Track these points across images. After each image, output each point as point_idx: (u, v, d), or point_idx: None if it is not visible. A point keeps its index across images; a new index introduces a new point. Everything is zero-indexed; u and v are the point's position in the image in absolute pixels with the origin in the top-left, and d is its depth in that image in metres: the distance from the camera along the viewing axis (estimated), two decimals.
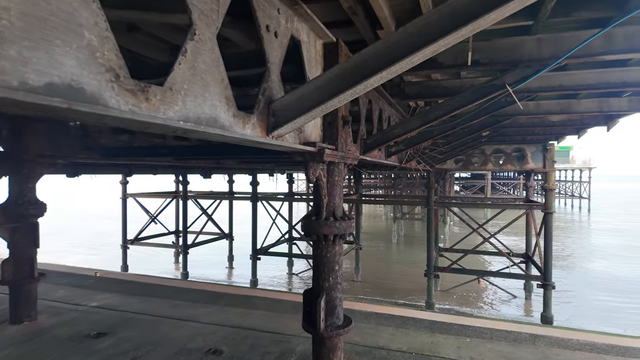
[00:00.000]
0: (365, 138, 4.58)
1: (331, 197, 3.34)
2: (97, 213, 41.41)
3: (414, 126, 4.35)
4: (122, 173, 8.80)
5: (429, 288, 13.16)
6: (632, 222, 37.92)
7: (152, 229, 17.74)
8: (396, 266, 20.47)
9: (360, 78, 2.12)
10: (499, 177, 51.25)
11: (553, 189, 12.05)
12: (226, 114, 1.99)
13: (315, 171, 3.04)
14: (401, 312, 6.32)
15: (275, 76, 2.47)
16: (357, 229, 17.36)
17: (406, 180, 31.37)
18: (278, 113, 2.36)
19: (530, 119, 8.50)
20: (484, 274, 14.75)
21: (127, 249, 17.44)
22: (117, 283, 7.89)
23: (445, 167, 13.41)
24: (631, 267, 20.41)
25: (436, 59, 4.21)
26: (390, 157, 5.92)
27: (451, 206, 14.59)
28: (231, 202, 19.17)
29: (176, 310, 6.20)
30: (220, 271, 19.31)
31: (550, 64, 3.73)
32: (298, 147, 2.72)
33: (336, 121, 3.28)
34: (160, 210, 17.40)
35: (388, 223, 32.38)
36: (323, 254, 3.33)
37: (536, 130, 10.04)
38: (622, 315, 13.71)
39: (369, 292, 15.90)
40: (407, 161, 7.46)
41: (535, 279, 12.27)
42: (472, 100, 4.08)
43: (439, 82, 5.66)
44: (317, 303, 3.21)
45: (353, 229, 3.44)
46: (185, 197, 16.65)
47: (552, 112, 6.83)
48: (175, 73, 1.65)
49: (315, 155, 2.94)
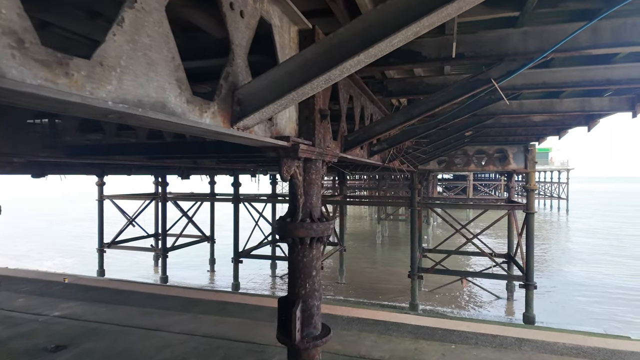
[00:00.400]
0: (347, 135, 4.34)
1: (308, 196, 3.08)
2: (76, 215, 40.02)
3: (397, 122, 4.13)
4: (94, 173, 8.33)
5: (413, 289, 13.03)
6: (607, 222, 39.02)
7: (130, 232, 17.11)
8: (380, 267, 20.36)
9: (335, 61, 1.88)
10: (481, 178, 52.05)
11: (534, 190, 12.12)
12: (178, 99, 1.70)
13: (289, 168, 2.77)
14: (384, 317, 6.10)
15: (242, 60, 2.19)
16: (341, 231, 17.15)
17: (390, 181, 31.39)
18: (244, 101, 2.08)
19: (512, 118, 8.45)
20: (467, 274, 14.73)
21: (104, 253, 16.78)
22: (85, 290, 7.41)
23: (429, 167, 13.34)
24: (605, 267, 20.85)
25: (419, 52, 4.01)
26: (373, 156, 5.70)
27: (434, 207, 14.54)
28: (212, 203, 18.71)
29: (146, 319, 5.81)
30: (201, 274, 18.80)
31: (536, 58, 3.57)
32: (269, 142, 2.45)
33: (313, 115, 3.02)
34: (138, 213, 16.78)
35: (372, 224, 32.34)
36: (299, 258, 3.06)
37: (518, 130, 10.03)
38: (599, 312, 13.91)
39: (353, 293, 15.70)
40: (390, 161, 7.27)
41: (518, 279, 12.30)
42: (457, 96, 3.90)
43: (422, 79, 5.48)
44: (293, 312, 2.93)
45: (332, 231, 3.18)
46: (164, 198, 16.11)
47: (534, 112, 6.75)
48: (108, 46, 1.36)
49: (289, 150, 2.67)
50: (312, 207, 3.10)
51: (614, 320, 13.27)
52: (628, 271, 19.65)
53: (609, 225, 36.20)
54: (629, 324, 13.01)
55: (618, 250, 25.00)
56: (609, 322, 13.03)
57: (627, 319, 13.43)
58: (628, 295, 15.95)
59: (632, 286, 17.15)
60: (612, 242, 27.73)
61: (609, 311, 14.19)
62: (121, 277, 18.04)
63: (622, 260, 22.02)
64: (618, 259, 22.29)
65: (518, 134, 10.33)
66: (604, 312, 14.12)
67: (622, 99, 6.20)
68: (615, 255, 23.44)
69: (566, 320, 13.05)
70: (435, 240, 25.68)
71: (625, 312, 14.11)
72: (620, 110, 6.26)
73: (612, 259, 22.32)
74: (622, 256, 23.12)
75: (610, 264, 21.24)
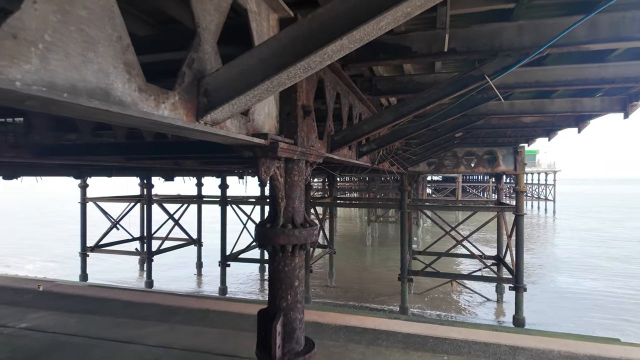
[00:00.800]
0: (333, 134, 4.10)
1: (290, 200, 2.82)
2: (62, 218, 38.97)
3: (386, 121, 3.91)
4: (71, 175, 7.92)
5: (403, 292, 12.84)
6: (591, 223, 39.60)
7: (116, 235, 16.59)
8: (370, 269, 20.16)
9: (315, 46, 1.63)
10: (469, 180, 52.37)
11: (524, 192, 12.05)
12: (126, 86, 1.43)
13: (268, 169, 2.51)
14: (374, 323, 5.85)
15: (210, 47, 1.93)
16: (331, 233, 16.89)
17: (380, 183, 31.29)
18: (212, 92, 1.82)
19: (503, 119, 8.32)
20: (458, 277, 14.62)
21: (87, 257, 16.22)
22: (59, 298, 6.99)
23: (418, 169, 13.19)
24: (587, 268, 21.04)
25: (409, 47, 3.80)
26: (362, 157, 5.48)
27: (424, 209, 14.40)
28: (200, 206, 18.30)
29: (119, 330, 5.44)
30: (188, 278, 18.34)
31: (532, 53, 3.38)
32: (244, 139, 2.18)
33: (295, 111, 2.77)
34: (122, 215, 16.27)
35: (362, 226, 32.15)
36: (280, 267, 2.80)
37: (508, 132, 9.93)
38: (585, 312, 13.93)
39: (343, 296, 15.45)
40: (380, 162, 7.05)
41: (507, 281, 12.21)
42: (449, 93, 3.68)
43: (412, 77, 5.27)
44: (273, 327, 2.67)
45: (317, 237, 2.91)
46: (150, 201, 15.64)
47: (525, 112, 6.61)
48: (26, 15, 1.09)
49: (267, 149, 2.41)
50: (294, 212, 2.84)
51: (596, 325, 13.30)
52: (609, 272, 19.85)
53: (593, 227, 36.78)
54: (608, 327, 13.05)
55: (601, 250, 25.35)
56: (592, 323, 13.05)
57: (606, 322, 13.49)
58: (608, 297, 16.06)
59: (611, 289, 17.28)
60: (595, 244, 28.09)
61: (591, 313, 14.23)
62: (106, 281, 17.51)
63: (602, 263, 22.25)
64: (600, 261, 22.51)
65: (508, 136, 10.23)
66: (586, 313, 14.15)
67: (614, 100, 6.09)
68: (598, 256, 23.69)
69: (553, 321, 13.02)
70: (425, 242, 25.62)
71: (604, 314, 14.19)
72: (612, 111, 6.15)
73: (595, 261, 22.54)
74: (604, 257, 23.38)
75: (592, 265, 21.43)
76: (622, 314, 14.01)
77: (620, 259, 22.83)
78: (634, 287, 17.24)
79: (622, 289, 16.89)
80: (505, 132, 9.90)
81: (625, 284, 17.65)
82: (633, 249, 25.83)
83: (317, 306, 8.29)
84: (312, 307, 7.88)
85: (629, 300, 15.44)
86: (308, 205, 13.97)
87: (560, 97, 6.36)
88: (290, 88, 2.77)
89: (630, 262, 22.10)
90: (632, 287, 17.24)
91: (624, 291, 16.65)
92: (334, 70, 3.94)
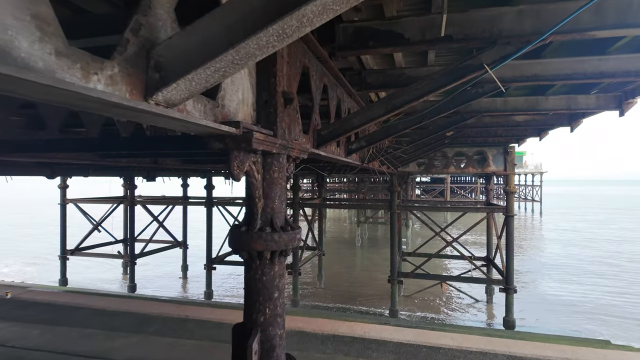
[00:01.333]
0: (320, 129, 3.77)
1: (269, 199, 2.47)
2: (44, 219, 37.76)
3: (376, 115, 3.59)
4: (44, 174, 7.42)
5: (393, 295, 12.57)
6: (575, 223, 40.17)
7: (99, 238, 15.94)
8: (360, 271, 19.88)
9: (292, 5, 1.29)
10: (458, 181, 52.64)
11: (514, 192, 11.90)
12: (36, 46, 1.07)
13: (241, 163, 2.16)
14: (363, 330, 5.53)
15: (165, 11, 1.57)
16: (320, 234, 16.56)
17: (370, 184, 31.08)
18: (166, 65, 1.47)
19: (495, 118, 8.12)
20: (447, 278, 14.44)
21: (67, 260, 15.56)
22: (25, 306, 6.47)
23: (409, 169, 12.96)
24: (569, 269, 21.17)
25: (402, 34, 3.49)
26: (351, 155, 5.15)
27: (414, 210, 14.17)
28: (185, 207, 17.77)
29: (86, 343, 4.97)
30: (173, 282, 17.76)
31: (534, 41, 3.11)
32: (210, 126, 1.83)
33: (274, 98, 2.43)
34: (104, 217, 15.65)
35: (352, 227, 31.87)
36: (257, 277, 2.44)
37: (499, 131, 9.75)
38: (572, 312, 13.88)
39: (332, 299, 15.12)
40: (370, 161, 6.75)
41: (498, 283, 12.04)
42: (444, 84, 3.39)
43: (403, 70, 4.98)
44: (248, 345, 2.32)
45: (299, 241, 2.56)
46: (132, 202, 15.07)
47: (519, 110, 6.39)
48: None
49: (239, 140, 2.06)
50: (274, 213, 2.49)
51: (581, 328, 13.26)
52: (591, 274, 19.99)
53: (577, 226, 37.34)
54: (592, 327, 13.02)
55: (584, 251, 25.64)
56: (578, 324, 13.00)
57: (588, 324, 13.46)
58: (589, 298, 16.10)
59: (593, 292, 17.35)
60: (578, 243, 28.39)
61: (576, 313, 14.21)
62: (88, 285, 16.84)
63: (585, 266, 22.43)
64: (583, 263, 22.69)
65: (498, 135, 10.05)
66: (570, 316, 14.13)
67: (609, 97, 5.91)
68: (581, 257, 23.90)
69: (541, 319, 12.93)
70: (415, 244, 25.47)
71: (588, 314, 14.19)
72: (608, 108, 5.96)
73: (577, 263, 22.70)
74: (587, 258, 23.60)
75: (575, 266, 21.57)
76: (601, 315, 14.02)
77: (603, 260, 23.05)
78: (616, 288, 17.35)
79: (604, 292, 16.96)
80: (497, 131, 9.72)
81: (609, 286, 17.75)
82: (614, 250, 26.19)
83: (305, 311, 7.93)
84: (299, 313, 7.52)
85: (611, 301, 15.50)
86: (297, 206, 13.61)
87: (555, 94, 6.16)
88: (268, 71, 2.44)
89: (611, 264, 22.32)
90: (614, 288, 17.34)
91: (605, 294, 16.72)
92: (321, 59, 3.61)
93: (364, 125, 3.71)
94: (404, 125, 5.03)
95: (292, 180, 14.12)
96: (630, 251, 25.33)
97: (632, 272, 19.85)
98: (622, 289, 17.13)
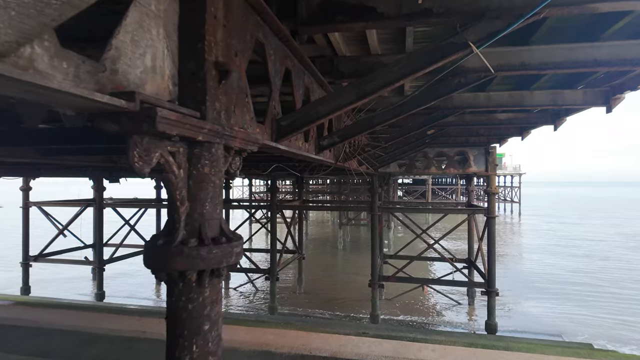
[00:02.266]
0: (280, 118, 3.19)
1: (197, 202, 1.88)
2: (12, 223, 35.72)
3: (346, 102, 3.04)
4: None
5: (374, 299, 12.07)
6: (551, 224, 40.89)
7: (66, 242, 14.86)
8: (341, 274, 19.34)
9: None
10: (439, 182, 52.94)
11: (495, 193, 11.60)
12: None
13: (147, 153, 1.56)
14: (339, 343, 4.97)
15: None
16: (300, 238, 15.95)
17: (352, 185, 30.66)
18: None
19: (477, 116, 7.72)
20: (429, 282, 14.07)
21: (30, 267, 14.44)
22: None
23: (389, 170, 12.52)
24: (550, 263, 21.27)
25: (374, 8, 2.96)
26: (323, 152, 4.59)
27: (395, 211, 13.75)
28: (159, 210, 16.86)
29: None
30: (147, 289, 16.78)
31: (526, 14, 2.62)
32: (80, 95, 1.23)
33: (203, 70, 1.84)
34: (70, 221, 14.58)
35: (335, 228, 31.33)
36: (180, 305, 1.84)
37: (481, 130, 9.39)
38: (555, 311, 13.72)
39: (312, 304, 14.52)
40: (346, 160, 6.21)
41: (479, 285, 11.69)
42: (422, 66, 2.87)
43: (379, 57, 4.46)
44: None
45: (240, 256, 1.95)
46: (100, 205, 14.10)
47: (503, 105, 5.97)
48: None
49: (139, 120, 1.47)
50: (203, 220, 1.89)
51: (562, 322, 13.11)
52: (567, 271, 20.10)
53: (554, 227, 38.01)
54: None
55: (559, 248, 25.95)
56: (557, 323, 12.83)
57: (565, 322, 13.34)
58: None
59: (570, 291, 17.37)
60: (555, 242, 28.75)
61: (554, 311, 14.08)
62: (53, 293, 15.69)
63: (560, 260, 22.60)
64: (559, 257, 22.87)
65: (480, 134, 9.70)
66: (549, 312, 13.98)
67: (597, 92, 5.55)
68: (556, 252, 24.10)
69: (519, 324, 12.71)
70: (397, 246, 25.16)
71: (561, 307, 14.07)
72: (595, 104, 5.61)
73: (556, 261, 22.86)
74: (562, 254, 23.80)
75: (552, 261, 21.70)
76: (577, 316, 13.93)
77: (581, 258, 23.28)
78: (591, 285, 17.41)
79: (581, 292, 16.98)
80: (478, 130, 9.36)
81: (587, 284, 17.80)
82: (590, 248, 26.60)
83: (277, 322, 7.31)
84: (272, 324, 6.91)
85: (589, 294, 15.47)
86: (274, 208, 12.97)
87: (541, 88, 5.77)
88: (194, 34, 1.84)
89: (589, 259, 22.55)
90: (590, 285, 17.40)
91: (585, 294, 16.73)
92: (281, 37, 3.03)
93: (333, 114, 3.16)
94: (380, 119, 4.50)
95: (270, 182, 13.49)
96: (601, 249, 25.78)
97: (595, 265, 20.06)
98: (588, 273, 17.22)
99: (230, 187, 16.58)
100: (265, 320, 7.88)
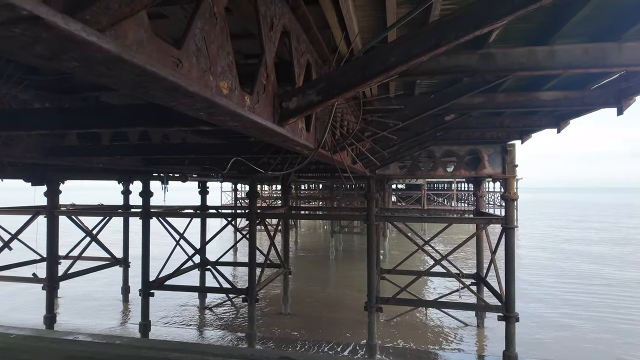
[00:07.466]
0: None
1: None
2: None
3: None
4: None
5: (371, 325, 9.84)
6: (548, 228, 39.27)
7: (14, 256, 12.39)
8: (333, 289, 17.03)
9: None
10: (433, 187, 50.91)
11: (515, 199, 9.48)
12: None
13: None
14: None
15: None
16: (285, 250, 13.68)
17: (345, 191, 28.49)
18: None
19: (511, 95, 5.59)
20: (435, 304, 11.85)
21: None
22: None
23: (388, 172, 10.37)
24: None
25: None
26: (288, 120, 2.41)
27: (394, 220, 11.57)
28: (126, 218, 14.49)
29: None
30: (111, 310, 14.27)
31: None
32: None
33: None
34: (18, 232, 12.12)
35: (327, 236, 29.01)
36: None
37: (506, 120, 7.28)
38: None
39: (299, 327, 12.22)
40: (335, 150, 4.01)
41: (496, 309, 9.50)
42: None
43: None
44: None
45: None
46: (52, 212, 11.70)
47: (573, 67, 3.84)
48: None
49: None
50: None
51: None
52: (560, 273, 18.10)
53: (549, 231, 36.37)
54: None
55: (555, 254, 24.06)
56: None
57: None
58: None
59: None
60: (551, 247, 26.91)
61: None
62: (3, 316, 13.22)
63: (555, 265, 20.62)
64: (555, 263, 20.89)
65: (503, 126, 7.54)
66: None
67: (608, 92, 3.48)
68: (552, 258, 22.14)
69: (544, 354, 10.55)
70: (392, 255, 22.97)
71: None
72: (607, 105, 3.58)
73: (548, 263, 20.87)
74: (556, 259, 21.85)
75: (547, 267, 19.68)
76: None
77: (576, 263, 21.34)
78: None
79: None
80: (503, 121, 7.25)
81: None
82: (584, 252, 24.82)
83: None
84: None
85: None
86: (253, 217, 10.70)
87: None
88: None
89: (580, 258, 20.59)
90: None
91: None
92: None
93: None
94: (399, 61, 2.32)
95: (249, 186, 11.24)
96: None
97: None
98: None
99: (207, 193, 14.27)
100: (241, 354, 5.69)
